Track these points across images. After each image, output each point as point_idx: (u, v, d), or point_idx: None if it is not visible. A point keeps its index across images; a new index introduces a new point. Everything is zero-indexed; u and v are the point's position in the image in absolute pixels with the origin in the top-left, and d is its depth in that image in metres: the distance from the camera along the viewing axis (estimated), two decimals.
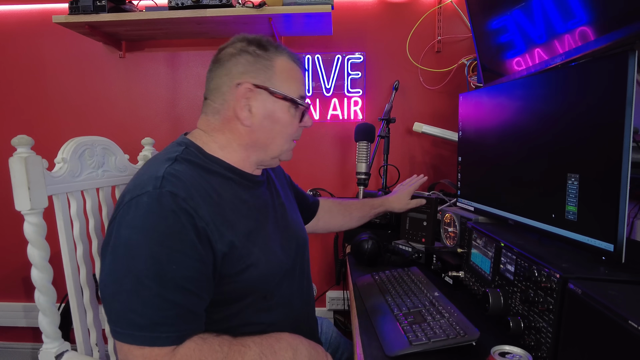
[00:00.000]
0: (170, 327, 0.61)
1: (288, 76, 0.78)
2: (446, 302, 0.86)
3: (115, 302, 0.61)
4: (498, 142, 1.02)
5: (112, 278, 0.62)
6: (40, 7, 1.80)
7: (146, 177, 0.67)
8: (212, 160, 0.76)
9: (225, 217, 0.70)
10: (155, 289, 0.60)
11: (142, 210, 0.62)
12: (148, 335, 0.59)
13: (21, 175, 0.77)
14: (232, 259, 0.69)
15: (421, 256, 1.21)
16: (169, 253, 0.61)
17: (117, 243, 0.63)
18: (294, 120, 0.80)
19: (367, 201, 1.26)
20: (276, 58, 0.77)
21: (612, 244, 0.65)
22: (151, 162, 0.74)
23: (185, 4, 1.48)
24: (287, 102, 0.77)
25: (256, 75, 0.75)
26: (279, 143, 0.80)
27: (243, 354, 0.65)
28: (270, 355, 0.68)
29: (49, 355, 0.83)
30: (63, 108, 1.86)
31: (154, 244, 0.61)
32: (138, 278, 0.60)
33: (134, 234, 0.62)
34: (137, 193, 0.64)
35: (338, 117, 1.79)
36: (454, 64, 1.69)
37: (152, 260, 0.60)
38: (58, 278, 0.85)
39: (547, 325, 0.65)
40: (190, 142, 0.77)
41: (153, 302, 0.60)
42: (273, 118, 0.77)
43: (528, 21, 1.02)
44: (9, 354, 1.99)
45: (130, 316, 0.60)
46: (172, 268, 0.61)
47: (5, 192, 1.80)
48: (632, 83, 0.62)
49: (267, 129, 0.77)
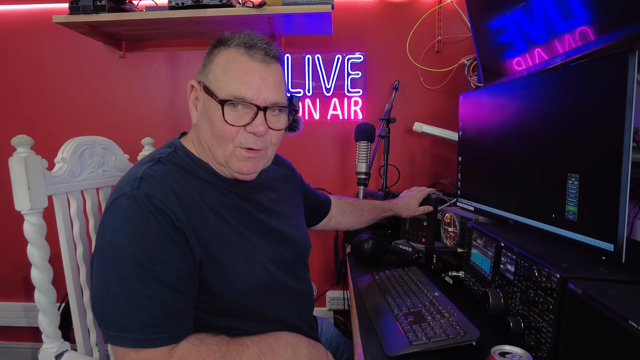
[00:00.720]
0: (160, 327, 0.60)
1: (224, 70, 0.69)
2: (446, 302, 0.86)
3: (104, 306, 0.61)
4: (498, 142, 1.02)
5: (100, 282, 0.62)
6: (41, 6, 1.80)
7: (126, 178, 0.67)
8: (198, 165, 0.75)
9: (207, 223, 0.68)
10: (142, 291, 0.60)
11: (121, 212, 0.62)
12: (139, 337, 0.59)
13: (21, 175, 0.77)
14: (211, 266, 0.67)
15: (421, 256, 1.21)
16: (151, 254, 0.61)
17: (102, 247, 0.63)
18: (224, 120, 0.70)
19: (378, 204, 1.25)
20: (222, 52, 0.71)
21: (612, 244, 0.65)
22: (136, 164, 0.74)
23: (185, 4, 1.48)
24: (217, 102, 0.69)
25: (202, 71, 0.73)
26: (215, 145, 0.72)
27: (241, 353, 0.65)
28: (269, 354, 0.67)
29: (48, 355, 0.83)
30: (63, 108, 1.86)
31: (135, 246, 0.61)
32: (124, 281, 0.60)
33: (115, 237, 0.61)
34: (117, 195, 0.64)
35: (338, 117, 1.79)
36: (454, 64, 1.69)
37: (135, 262, 0.60)
38: (58, 278, 0.85)
39: (547, 325, 0.65)
40: (180, 145, 0.77)
41: (141, 304, 0.60)
42: (207, 117, 0.71)
43: (528, 21, 1.02)
44: (8, 354, 1.99)
45: (120, 319, 0.60)
46: (157, 268, 0.61)
47: (5, 192, 1.81)
48: (632, 83, 0.62)
49: (203, 128, 0.73)
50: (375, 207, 1.25)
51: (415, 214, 1.25)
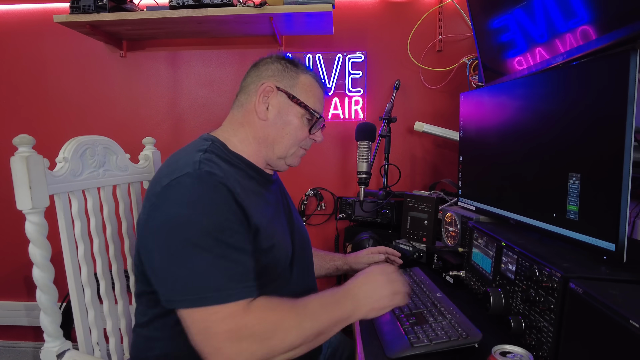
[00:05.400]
0: (239, 282, 0.65)
1: (308, 90, 0.87)
2: (448, 303, 0.86)
3: (179, 275, 0.64)
4: (499, 141, 1.02)
5: (170, 254, 0.65)
6: (42, 6, 1.81)
7: (182, 162, 0.72)
8: (234, 155, 0.83)
9: (251, 202, 0.75)
10: (218, 252, 0.65)
11: (186, 187, 0.67)
12: (222, 293, 0.63)
13: (22, 174, 0.77)
14: (261, 237, 0.74)
15: (422, 255, 1.21)
16: (220, 221, 0.66)
17: (168, 221, 0.66)
18: (304, 127, 0.87)
19: (332, 257, 1.18)
20: (302, 74, 0.87)
21: (613, 244, 0.65)
22: (181, 153, 0.78)
23: (186, 3, 1.48)
24: (301, 109, 0.85)
25: (281, 80, 0.85)
26: (286, 143, 0.86)
27: (307, 304, 0.70)
28: (332, 304, 0.72)
29: (50, 354, 0.83)
30: (64, 107, 1.86)
31: (204, 214, 0.66)
32: (199, 246, 0.64)
33: (182, 209, 0.66)
34: (176, 175, 0.68)
35: (339, 116, 1.79)
36: (455, 63, 1.69)
37: (206, 229, 0.65)
38: (59, 277, 0.85)
39: (548, 325, 0.65)
40: (215, 138, 0.83)
41: (219, 264, 0.65)
42: (285, 119, 0.85)
43: (529, 20, 1.02)
44: (10, 353, 2.00)
45: (200, 281, 0.63)
46: (226, 234, 0.66)
47: (6, 192, 1.81)
48: (634, 82, 0.62)
49: (278, 126, 0.85)
50: (331, 259, 1.17)
51: (367, 263, 1.14)
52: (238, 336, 0.63)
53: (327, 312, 0.70)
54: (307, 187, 1.83)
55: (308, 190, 1.82)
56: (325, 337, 0.70)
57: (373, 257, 1.14)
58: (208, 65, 1.82)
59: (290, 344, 0.65)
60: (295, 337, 0.66)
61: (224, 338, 0.62)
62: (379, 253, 1.15)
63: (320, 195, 1.82)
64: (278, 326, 0.65)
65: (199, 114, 1.84)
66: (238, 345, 0.63)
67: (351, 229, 1.58)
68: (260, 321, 0.65)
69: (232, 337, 0.63)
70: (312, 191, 1.82)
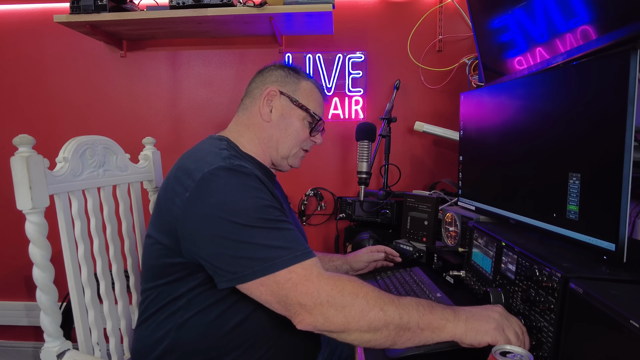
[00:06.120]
0: (299, 245, 0.69)
1: (309, 95, 0.93)
2: (448, 303, 0.86)
3: (240, 253, 0.66)
4: (499, 141, 1.02)
5: (225, 239, 0.67)
6: (42, 6, 1.81)
7: (210, 158, 0.74)
8: (245, 156, 0.88)
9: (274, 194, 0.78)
10: (269, 226, 0.68)
11: (223, 178, 0.70)
12: (288, 256, 0.66)
13: (22, 174, 0.77)
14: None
15: (422, 255, 1.21)
16: (261, 202, 0.70)
17: (217, 208, 0.68)
18: (305, 129, 0.93)
19: (330, 258, 1.17)
20: (304, 80, 0.94)
21: (613, 244, 0.65)
22: (201, 152, 0.79)
23: (186, 3, 1.48)
24: (303, 112, 0.91)
25: (284, 85, 0.92)
26: (289, 144, 0.92)
27: (396, 296, 0.70)
28: (427, 307, 0.69)
29: (50, 354, 0.83)
30: (64, 107, 1.86)
31: (247, 198, 0.69)
32: (249, 225, 0.67)
33: (223, 197, 0.69)
34: (208, 168, 0.71)
35: (339, 116, 1.79)
36: (455, 63, 1.69)
37: (252, 209, 0.68)
38: (59, 277, 0.85)
39: (548, 325, 0.65)
40: (226, 138, 0.87)
41: (274, 235, 0.68)
42: (288, 121, 0.91)
43: (529, 20, 1.02)
44: (10, 353, 2.00)
45: (263, 253, 0.66)
46: (270, 211, 0.70)
47: (6, 192, 1.81)
48: (634, 82, 0.62)
49: (281, 127, 0.91)
50: (330, 260, 1.17)
51: (367, 262, 1.16)
52: (314, 300, 0.65)
53: (419, 310, 0.67)
54: (307, 187, 1.83)
55: (308, 190, 1.82)
56: (412, 336, 0.66)
57: (373, 255, 1.15)
58: (208, 65, 1.82)
59: (369, 321, 0.65)
60: (375, 316, 0.65)
61: (299, 302, 0.65)
62: (378, 252, 1.16)
63: (320, 195, 1.82)
64: (357, 297, 0.66)
65: (199, 113, 1.84)
66: (316, 309, 0.65)
67: (351, 229, 1.58)
68: (338, 289, 0.66)
69: (308, 301, 0.65)
70: (312, 191, 1.82)
